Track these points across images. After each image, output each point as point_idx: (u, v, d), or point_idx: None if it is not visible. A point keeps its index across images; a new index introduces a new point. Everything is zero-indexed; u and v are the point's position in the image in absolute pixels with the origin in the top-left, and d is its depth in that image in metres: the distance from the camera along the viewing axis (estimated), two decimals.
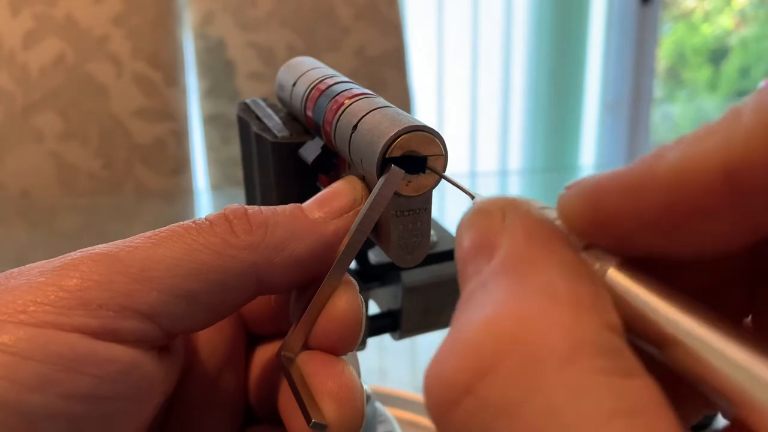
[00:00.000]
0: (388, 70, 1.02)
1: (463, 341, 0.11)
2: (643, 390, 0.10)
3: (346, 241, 0.19)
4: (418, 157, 0.19)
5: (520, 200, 0.14)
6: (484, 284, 0.12)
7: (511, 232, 0.13)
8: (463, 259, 0.13)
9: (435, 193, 0.20)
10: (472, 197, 0.17)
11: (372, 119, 0.20)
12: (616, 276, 0.12)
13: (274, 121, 0.26)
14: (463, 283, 0.13)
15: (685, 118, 2.06)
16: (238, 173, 0.91)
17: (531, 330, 0.11)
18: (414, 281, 0.29)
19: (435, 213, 0.21)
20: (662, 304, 0.12)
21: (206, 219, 0.18)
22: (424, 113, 1.54)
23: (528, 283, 0.12)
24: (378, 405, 0.37)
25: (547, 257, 0.12)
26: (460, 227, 0.14)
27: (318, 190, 0.21)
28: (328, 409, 0.18)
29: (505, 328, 0.11)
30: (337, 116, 0.21)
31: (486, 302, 0.12)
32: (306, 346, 0.19)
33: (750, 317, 0.14)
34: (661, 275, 0.13)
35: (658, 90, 1.82)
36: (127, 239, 0.17)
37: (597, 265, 0.13)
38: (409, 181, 0.19)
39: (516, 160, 1.70)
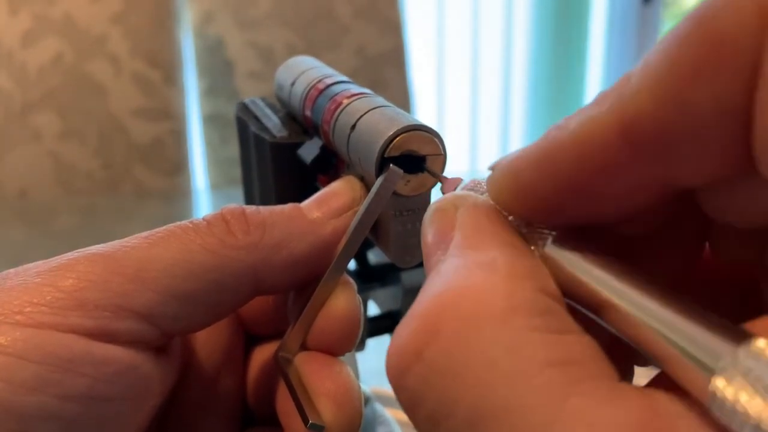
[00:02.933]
0: (388, 69, 1.01)
1: (413, 315, 0.12)
2: (577, 344, 0.11)
3: (344, 241, 0.19)
4: (417, 157, 0.19)
5: (470, 194, 0.15)
6: (438, 270, 0.13)
7: (461, 223, 0.14)
8: (426, 254, 0.15)
9: (434, 192, 0.20)
10: (441, 180, 0.18)
11: (370, 118, 0.20)
12: (552, 248, 0.14)
13: (272, 121, 0.26)
14: (427, 273, 0.14)
15: None
16: (238, 173, 0.91)
17: (470, 297, 0.12)
18: (414, 282, 0.29)
19: None
20: (595, 270, 0.13)
21: (203, 219, 0.18)
22: (424, 113, 1.54)
23: (471, 262, 0.13)
24: (377, 406, 0.37)
25: (490, 239, 0.13)
26: (423, 225, 0.15)
27: (317, 190, 0.21)
28: (326, 410, 0.18)
29: (447, 299, 0.12)
30: (335, 116, 0.21)
31: (436, 282, 0.13)
32: (304, 347, 0.19)
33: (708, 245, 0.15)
34: (607, 238, 0.14)
35: None
36: (123, 240, 0.17)
37: (537, 241, 0.14)
38: (408, 181, 0.19)
39: None
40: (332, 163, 0.23)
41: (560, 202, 0.13)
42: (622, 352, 0.14)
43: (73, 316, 0.15)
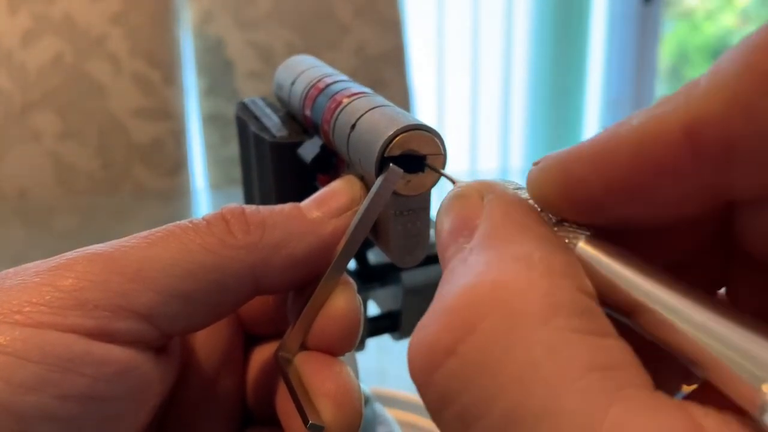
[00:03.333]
0: (387, 68, 1.01)
1: (443, 307, 0.12)
2: (617, 348, 0.11)
3: (344, 240, 0.19)
4: (417, 156, 0.19)
5: (496, 182, 0.15)
6: (465, 260, 0.13)
7: (489, 212, 0.14)
8: (445, 242, 0.14)
9: (434, 192, 0.20)
10: (455, 183, 0.18)
11: (370, 118, 0.19)
12: (587, 247, 0.13)
13: (272, 121, 0.26)
14: (444, 263, 0.14)
15: None
16: (237, 173, 0.91)
17: (509, 293, 0.11)
18: (414, 282, 0.29)
19: (434, 212, 0.21)
20: (630, 273, 0.12)
21: (203, 219, 0.18)
22: (424, 112, 1.54)
23: (505, 255, 0.12)
24: (378, 406, 0.37)
25: (523, 232, 0.13)
26: (440, 212, 0.15)
27: (316, 189, 0.21)
28: (326, 410, 0.18)
29: (484, 293, 0.11)
30: (335, 115, 0.21)
31: (466, 273, 0.12)
32: (304, 347, 0.19)
33: (724, 289, 0.15)
34: (635, 247, 0.13)
35: (660, 89, 1.82)
36: (123, 239, 0.17)
37: (570, 239, 0.13)
38: (408, 181, 0.19)
39: (517, 158, 1.70)
40: (332, 162, 0.23)
41: (610, 200, 0.13)
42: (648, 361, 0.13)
43: (73, 316, 0.15)
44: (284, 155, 0.24)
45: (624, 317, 0.13)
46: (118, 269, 0.16)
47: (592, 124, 1.72)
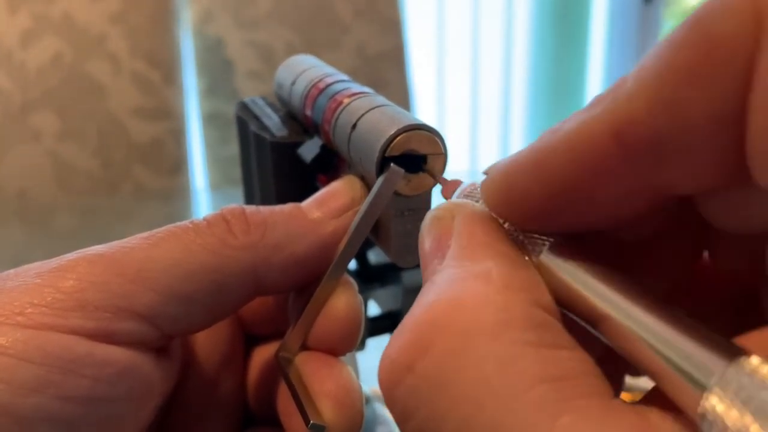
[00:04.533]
0: (387, 68, 1.01)
1: (405, 326, 0.12)
2: (571, 359, 0.11)
3: (345, 241, 0.19)
4: (418, 156, 0.19)
5: (468, 202, 0.15)
6: (433, 280, 0.13)
7: (456, 232, 0.14)
8: (423, 263, 0.14)
9: (435, 192, 0.20)
10: (440, 182, 0.18)
11: (371, 118, 0.19)
12: (548, 257, 0.13)
13: (272, 121, 0.26)
14: (423, 283, 0.14)
15: None
16: (237, 173, 0.91)
17: (463, 310, 0.12)
18: (415, 282, 0.29)
19: None
20: (591, 281, 0.13)
21: (204, 219, 0.18)
22: (424, 112, 1.54)
23: (465, 272, 0.13)
24: (377, 406, 0.37)
25: (485, 250, 0.13)
26: (421, 234, 0.15)
27: (317, 189, 0.21)
28: (327, 410, 0.18)
29: (440, 311, 0.12)
30: (336, 115, 0.21)
31: (430, 292, 0.13)
32: (304, 347, 0.19)
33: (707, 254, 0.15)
34: (604, 243, 0.14)
35: None
36: (123, 240, 0.17)
37: (536, 248, 0.14)
38: (409, 180, 0.19)
39: None
40: (332, 162, 0.23)
41: (553, 208, 0.13)
42: (618, 364, 0.13)
43: (74, 317, 0.15)
44: (284, 155, 0.24)
45: (588, 324, 0.13)
46: (119, 270, 0.16)
47: None
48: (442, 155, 0.19)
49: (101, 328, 0.16)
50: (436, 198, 0.20)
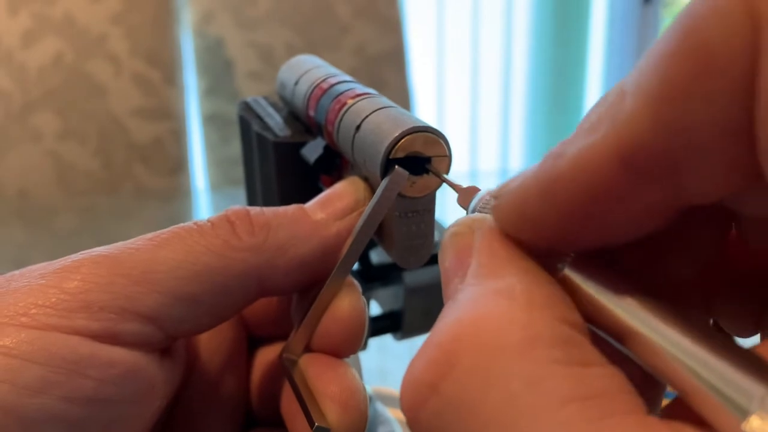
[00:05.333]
0: (387, 69, 1.01)
1: (428, 345, 0.12)
2: (601, 376, 0.11)
3: (349, 242, 0.19)
4: (422, 158, 0.19)
5: (486, 217, 0.15)
6: (455, 297, 0.13)
7: (477, 249, 0.14)
8: (444, 281, 0.14)
9: (438, 194, 0.20)
10: (456, 190, 0.18)
11: (375, 119, 0.19)
12: (571, 272, 0.13)
13: (275, 121, 0.26)
14: (444, 302, 0.14)
15: None
16: (238, 173, 0.91)
17: (487, 328, 0.11)
18: (416, 282, 0.29)
19: (438, 214, 0.21)
20: (616, 297, 0.12)
21: (208, 221, 0.18)
22: (424, 112, 1.54)
23: (488, 289, 0.12)
24: (379, 406, 0.37)
25: (507, 266, 0.13)
26: (440, 251, 0.15)
27: (320, 190, 0.21)
28: (331, 412, 0.18)
29: (464, 329, 0.12)
30: (339, 116, 0.21)
31: (453, 310, 0.12)
32: (308, 349, 0.19)
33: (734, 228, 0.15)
34: (625, 261, 0.14)
35: None
36: (128, 241, 0.17)
37: (556, 264, 0.13)
38: (413, 182, 0.19)
39: (517, 159, 1.70)
40: (336, 163, 0.23)
41: (566, 231, 0.13)
42: (653, 380, 0.13)
43: (78, 318, 0.15)
44: (287, 155, 0.24)
45: (615, 340, 0.12)
46: (123, 271, 0.16)
47: None
48: (447, 157, 0.19)
49: (106, 329, 0.16)
50: (440, 200, 0.20)
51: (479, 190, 0.17)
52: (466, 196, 0.17)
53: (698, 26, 0.10)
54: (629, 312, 0.12)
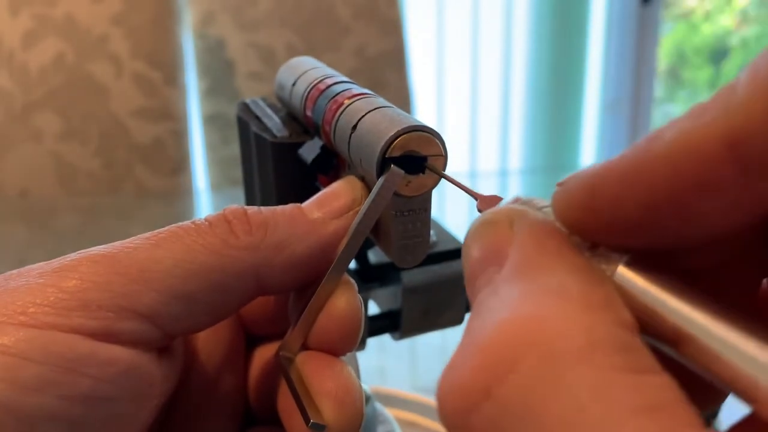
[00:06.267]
0: (387, 69, 1.02)
1: (477, 345, 0.11)
2: (662, 386, 0.10)
3: (345, 241, 0.19)
4: (418, 157, 0.19)
5: (526, 209, 0.14)
6: (496, 291, 0.12)
7: (520, 240, 0.13)
8: (473, 271, 0.13)
9: (435, 193, 0.20)
10: (475, 197, 0.17)
11: (371, 119, 0.20)
12: (625, 274, 0.12)
13: (273, 121, 0.26)
14: (473, 293, 0.13)
15: None
16: (238, 173, 0.91)
17: (547, 330, 0.11)
18: (414, 281, 0.29)
19: (435, 213, 0.21)
20: (674, 301, 0.12)
21: (205, 220, 0.18)
22: (424, 113, 1.54)
23: (540, 287, 0.11)
24: (378, 405, 0.37)
25: (557, 262, 0.12)
26: (468, 239, 0.14)
27: (317, 190, 0.21)
28: (327, 410, 0.18)
29: (521, 330, 0.11)
30: (336, 116, 0.21)
31: (499, 307, 0.11)
32: (305, 347, 0.19)
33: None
34: (673, 263, 0.13)
35: (659, 90, 1.82)
36: (126, 240, 0.17)
37: (604, 266, 0.13)
38: (409, 181, 0.19)
39: (516, 159, 1.70)
40: (333, 163, 0.23)
41: (646, 221, 0.12)
42: (702, 391, 0.12)
43: (76, 317, 0.15)
44: (285, 155, 0.24)
45: (667, 346, 0.12)
46: (121, 270, 0.16)
47: (590, 125, 1.72)
48: (442, 156, 0.19)
49: (104, 328, 0.16)
50: (436, 199, 0.20)
51: (501, 199, 0.16)
52: (487, 204, 0.16)
53: None
54: (685, 316, 0.11)
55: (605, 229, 0.12)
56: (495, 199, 0.16)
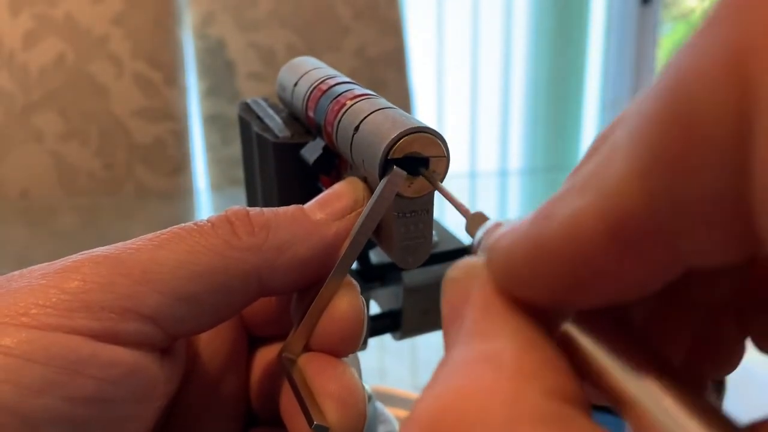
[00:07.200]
0: (387, 70, 1.02)
1: (412, 420, 0.11)
2: None
3: (347, 242, 0.19)
4: (420, 159, 0.19)
5: (484, 266, 0.13)
6: (447, 358, 0.12)
7: (472, 301, 0.13)
8: (444, 330, 0.13)
9: (436, 194, 0.20)
10: (464, 213, 0.17)
11: (374, 120, 0.20)
12: (572, 328, 0.12)
13: (275, 122, 0.26)
14: (444, 351, 0.13)
15: None
16: (238, 173, 0.91)
17: (470, 404, 0.11)
18: (415, 281, 0.29)
19: (437, 214, 0.21)
20: (608, 365, 0.12)
21: (208, 221, 0.18)
22: (424, 113, 1.54)
23: (476, 354, 0.12)
24: (379, 405, 0.37)
25: (500, 326, 0.12)
26: (442, 293, 0.14)
27: (319, 191, 0.21)
28: (330, 411, 0.18)
29: (446, 405, 0.11)
30: (338, 117, 0.21)
31: (439, 377, 0.12)
32: (307, 348, 0.19)
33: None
34: (618, 321, 0.13)
35: None
36: (128, 241, 0.17)
37: (557, 318, 0.13)
38: (411, 183, 0.19)
39: (516, 160, 1.70)
40: (334, 163, 0.23)
41: (560, 293, 0.12)
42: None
43: (79, 318, 0.15)
44: (287, 156, 0.24)
45: (613, 406, 0.12)
46: (124, 271, 0.16)
47: (590, 125, 1.72)
48: (445, 158, 0.19)
49: (106, 329, 0.16)
50: (438, 200, 0.20)
51: (487, 218, 0.16)
52: (473, 223, 0.16)
53: (684, 91, 0.09)
54: (630, 380, 0.11)
55: (533, 297, 0.12)
56: (480, 218, 0.16)
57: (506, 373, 0.11)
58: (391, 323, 0.31)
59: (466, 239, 0.30)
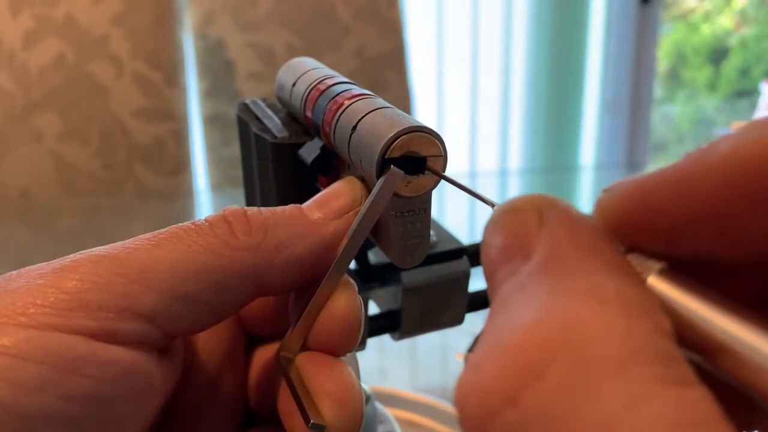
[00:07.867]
0: (387, 70, 1.02)
1: (503, 347, 0.10)
2: (702, 400, 0.10)
3: (345, 241, 0.19)
4: (418, 158, 0.19)
5: (557, 199, 0.13)
6: (523, 287, 0.11)
7: (551, 232, 0.12)
8: (494, 261, 0.12)
9: (434, 193, 0.20)
10: (478, 196, 0.17)
11: (371, 120, 0.20)
12: (659, 282, 0.12)
13: (273, 122, 0.26)
14: (494, 286, 0.12)
15: (684, 118, 2.06)
16: (238, 173, 0.91)
17: (581, 334, 0.10)
18: (414, 281, 0.29)
19: (434, 213, 0.21)
20: (709, 311, 0.11)
21: (205, 220, 0.18)
22: (424, 113, 1.54)
23: (574, 285, 0.11)
24: (378, 405, 0.37)
25: (593, 258, 0.11)
26: (489, 228, 0.13)
27: (317, 190, 0.21)
28: (327, 410, 0.18)
29: (552, 333, 0.10)
30: (336, 117, 0.21)
31: (527, 305, 0.11)
32: (305, 347, 0.19)
33: None
34: (709, 282, 0.12)
35: (658, 90, 1.82)
36: (126, 241, 0.17)
37: (640, 270, 0.12)
38: (409, 182, 0.19)
39: (516, 160, 1.71)
40: (333, 163, 0.23)
41: (692, 232, 0.11)
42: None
43: (77, 318, 0.16)
44: (285, 156, 0.24)
45: (699, 357, 0.11)
46: (121, 271, 0.16)
47: (590, 125, 1.72)
48: (442, 157, 0.19)
49: (104, 328, 0.16)
50: (436, 199, 0.20)
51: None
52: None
53: None
54: (724, 327, 0.11)
55: (651, 237, 0.12)
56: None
57: (614, 308, 0.10)
58: (390, 323, 0.31)
59: (464, 239, 0.30)
